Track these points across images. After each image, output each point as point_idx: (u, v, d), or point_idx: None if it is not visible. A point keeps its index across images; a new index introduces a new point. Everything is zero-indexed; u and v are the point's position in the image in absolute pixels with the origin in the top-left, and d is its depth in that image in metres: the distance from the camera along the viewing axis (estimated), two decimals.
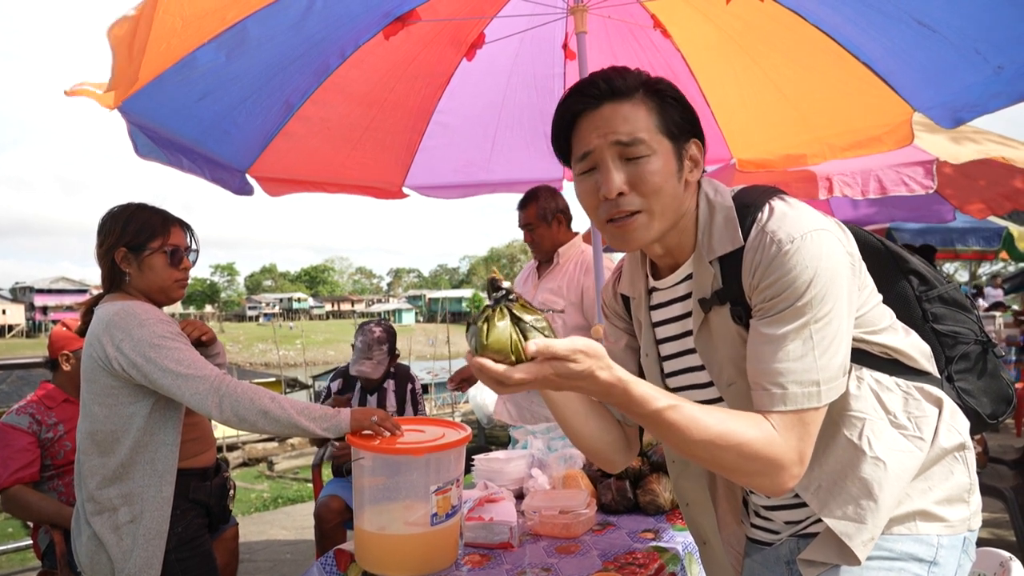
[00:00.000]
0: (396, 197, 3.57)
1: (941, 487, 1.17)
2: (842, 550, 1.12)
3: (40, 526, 2.64)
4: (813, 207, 1.16)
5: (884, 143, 2.75)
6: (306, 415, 1.84)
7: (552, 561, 1.68)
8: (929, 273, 1.30)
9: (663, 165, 1.12)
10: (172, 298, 2.04)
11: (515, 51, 3.09)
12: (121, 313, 1.86)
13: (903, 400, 1.18)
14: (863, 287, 1.14)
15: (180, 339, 1.88)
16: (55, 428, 2.66)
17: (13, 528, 6.49)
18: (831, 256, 1.05)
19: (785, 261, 1.04)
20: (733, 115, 3.18)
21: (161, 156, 2.26)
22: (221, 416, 1.79)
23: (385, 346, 3.35)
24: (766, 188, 1.19)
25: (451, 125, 3.32)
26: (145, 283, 1.98)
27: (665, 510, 2.01)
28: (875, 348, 1.17)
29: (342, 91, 2.79)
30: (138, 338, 1.82)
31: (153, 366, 1.81)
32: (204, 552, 2.02)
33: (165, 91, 2.08)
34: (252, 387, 1.85)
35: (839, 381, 1.06)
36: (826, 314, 1.03)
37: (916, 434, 1.15)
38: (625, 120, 1.11)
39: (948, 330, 1.29)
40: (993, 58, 2.16)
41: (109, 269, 1.98)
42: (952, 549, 1.15)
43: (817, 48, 2.56)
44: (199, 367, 1.83)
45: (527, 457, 2.30)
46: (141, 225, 1.97)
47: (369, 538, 1.69)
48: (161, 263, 1.97)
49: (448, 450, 1.67)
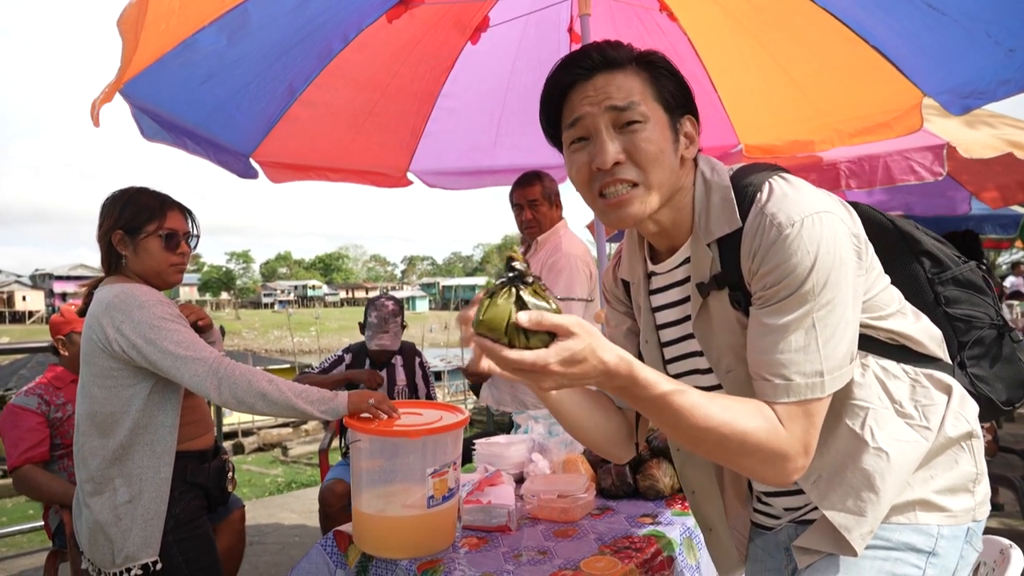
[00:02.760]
0: (400, 185, 3.55)
1: (944, 476, 1.14)
2: (839, 541, 1.10)
3: (50, 506, 2.69)
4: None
5: (893, 129, 2.70)
6: (304, 398, 1.85)
7: (549, 544, 1.69)
8: (944, 254, 1.26)
9: (659, 134, 1.08)
10: (168, 282, 2.04)
11: (519, 34, 3.07)
12: (121, 295, 1.87)
13: (910, 388, 1.14)
14: (870, 270, 1.09)
15: (180, 321, 1.89)
16: (63, 408, 2.71)
17: (34, 510, 6.61)
18: (834, 239, 0.99)
19: (786, 246, 0.99)
20: (740, 100, 3.15)
21: (167, 138, 2.27)
22: (220, 398, 1.80)
23: (398, 318, 3.43)
24: (766, 166, 1.14)
25: (456, 110, 3.31)
26: (141, 266, 1.98)
27: (665, 495, 2.01)
28: (881, 334, 1.13)
29: (345, 75, 2.78)
30: (138, 320, 1.83)
31: (153, 347, 1.82)
32: (202, 534, 2.04)
33: (167, 74, 2.08)
34: (251, 370, 1.86)
35: (844, 370, 1.02)
36: (829, 301, 0.99)
37: (923, 423, 1.12)
38: (619, 88, 1.08)
39: (962, 314, 1.25)
40: (1005, 41, 2.11)
41: (107, 251, 1.99)
42: (953, 540, 1.13)
43: (826, 31, 2.52)
44: (198, 349, 1.84)
45: (528, 441, 2.31)
46: (139, 208, 1.97)
47: (367, 520, 1.71)
48: (156, 246, 1.98)
49: (445, 433, 1.68)
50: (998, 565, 1.38)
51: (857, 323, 1.04)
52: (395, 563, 1.63)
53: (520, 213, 3.08)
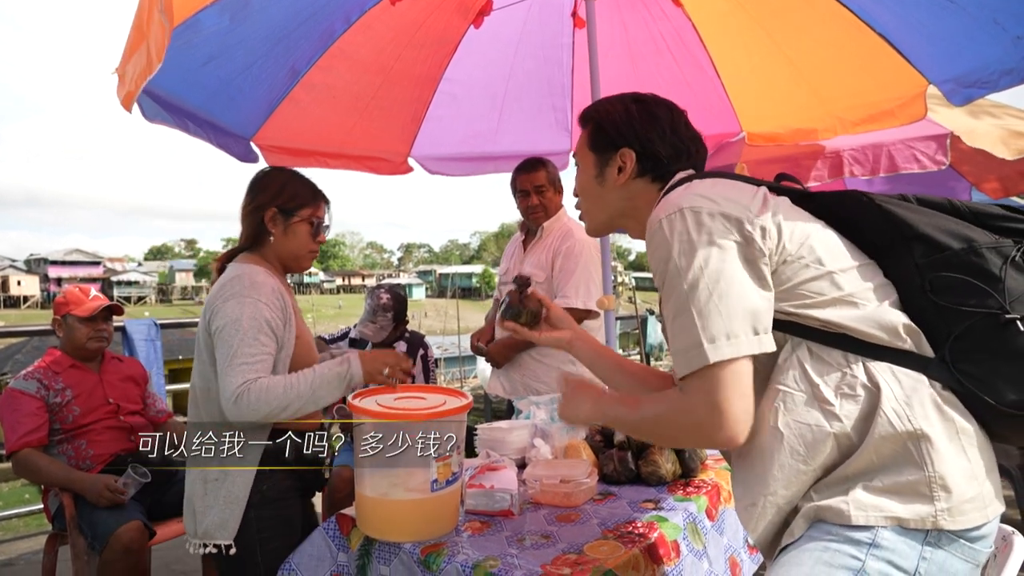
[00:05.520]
0: (400, 171, 3.50)
1: (884, 475, 1.09)
2: (741, 518, 1.24)
3: (50, 489, 2.68)
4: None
5: (897, 117, 2.69)
6: (320, 385, 1.80)
7: (552, 529, 1.69)
8: (943, 237, 1.15)
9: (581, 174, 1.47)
10: (303, 267, 2.08)
11: (523, 18, 3.04)
12: (236, 280, 1.87)
13: (839, 376, 1.13)
14: (790, 260, 1.16)
15: (262, 335, 1.82)
16: (63, 393, 2.69)
17: (30, 495, 6.60)
18: (695, 230, 1.14)
19: (653, 243, 1.20)
20: (744, 87, 3.13)
21: (168, 119, 2.26)
22: (231, 414, 1.75)
23: (390, 313, 3.39)
24: (693, 175, 1.34)
25: (458, 95, 3.28)
26: (285, 247, 2.00)
27: (667, 481, 2.01)
28: (811, 322, 1.15)
29: (348, 58, 2.76)
30: (234, 313, 1.80)
31: (219, 337, 1.80)
32: (285, 516, 1.96)
33: (169, 55, 2.04)
34: (277, 391, 1.76)
35: (735, 341, 1.10)
36: (697, 280, 1.12)
37: (838, 412, 1.11)
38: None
39: (950, 302, 1.12)
40: (1012, 28, 2.10)
41: (256, 227, 1.99)
42: (903, 536, 1.08)
43: (831, 18, 2.50)
44: (248, 367, 1.77)
45: (529, 427, 2.30)
46: (296, 191, 2.00)
47: (370, 503, 1.71)
48: (304, 231, 2.01)
49: (449, 417, 1.68)
50: (1000, 551, 1.39)
51: (754, 298, 1.13)
52: (398, 547, 1.63)
53: (526, 199, 3.07)
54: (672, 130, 1.37)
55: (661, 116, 1.38)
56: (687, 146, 1.38)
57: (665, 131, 1.36)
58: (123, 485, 2.52)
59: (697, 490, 1.95)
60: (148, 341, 4.28)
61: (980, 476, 1.12)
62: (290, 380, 1.78)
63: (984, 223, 1.18)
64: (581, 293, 2.90)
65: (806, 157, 3.55)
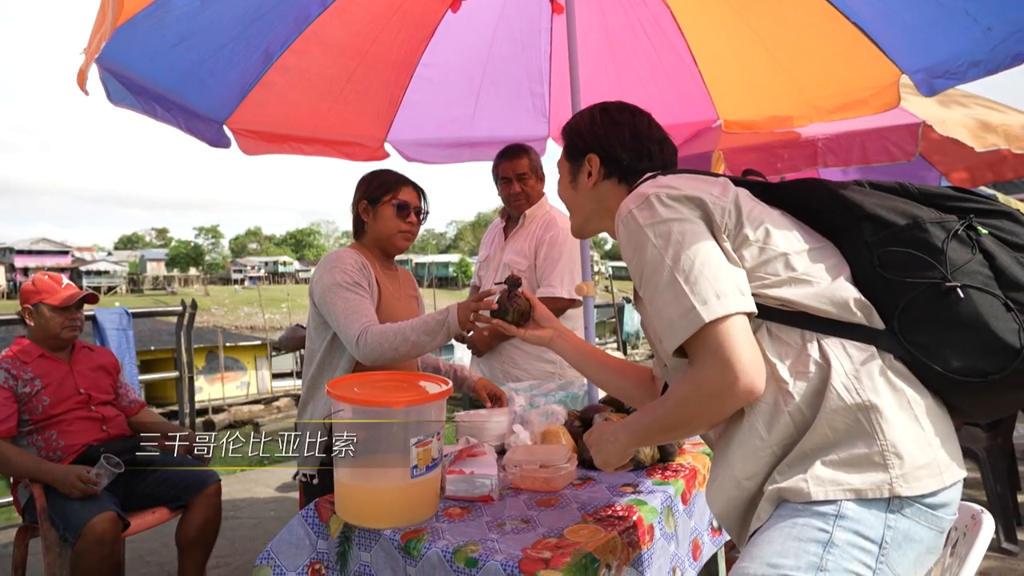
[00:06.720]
0: (376, 158, 3.45)
1: (838, 448, 1.13)
2: (706, 495, 1.31)
3: (19, 481, 2.63)
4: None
5: (870, 106, 2.72)
6: (425, 332, 2.02)
7: (532, 514, 1.70)
8: (890, 215, 1.20)
9: (560, 182, 1.57)
10: (397, 247, 2.33)
11: (501, 3, 3.02)
12: (324, 259, 2.22)
13: (796, 353, 1.18)
14: (748, 243, 1.22)
15: (354, 289, 2.13)
16: (32, 383, 2.63)
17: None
18: (664, 211, 1.22)
19: (625, 231, 1.27)
20: (720, 74, 3.14)
21: (135, 104, 2.19)
22: (359, 356, 2.05)
23: None
24: (658, 174, 1.38)
25: (435, 79, 3.25)
26: (376, 231, 2.30)
27: (645, 465, 2.03)
28: (769, 302, 1.20)
29: (323, 41, 2.71)
30: (326, 281, 2.13)
31: (325, 304, 2.12)
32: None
33: (138, 35, 2.01)
34: (388, 334, 2.02)
35: (725, 300, 1.13)
36: (678, 255, 1.18)
37: (791, 390, 1.15)
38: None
39: (896, 275, 1.17)
40: (983, 18, 2.12)
41: (356, 219, 2.34)
42: (867, 507, 1.11)
43: (807, 6, 2.52)
44: (357, 316, 2.06)
45: (509, 413, 2.31)
46: (380, 182, 2.29)
47: (349, 490, 1.70)
48: (389, 213, 2.27)
49: (428, 403, 1.67)
50: (969, 530, 1.42)
51: (730, 265, 1.19)
52: (378, 533, 1.63)
53: (508, 186, 3.07)
54: (633, 134, 1.45)
55: (622, 121, 1.47)
56: (648, 147, 1.45)
57: (625, 136, 1.45)
58: (95, 476, 2.46)
59: (675, 474, 1.97)
60: (120, 330, 4.20)
61: (934, 443, 1.15)
62: (400, 326, 2.03)
63: (933, 203, 1.23)
64: (567, 283, 2.94)
65: (781, 146, 3.59)
